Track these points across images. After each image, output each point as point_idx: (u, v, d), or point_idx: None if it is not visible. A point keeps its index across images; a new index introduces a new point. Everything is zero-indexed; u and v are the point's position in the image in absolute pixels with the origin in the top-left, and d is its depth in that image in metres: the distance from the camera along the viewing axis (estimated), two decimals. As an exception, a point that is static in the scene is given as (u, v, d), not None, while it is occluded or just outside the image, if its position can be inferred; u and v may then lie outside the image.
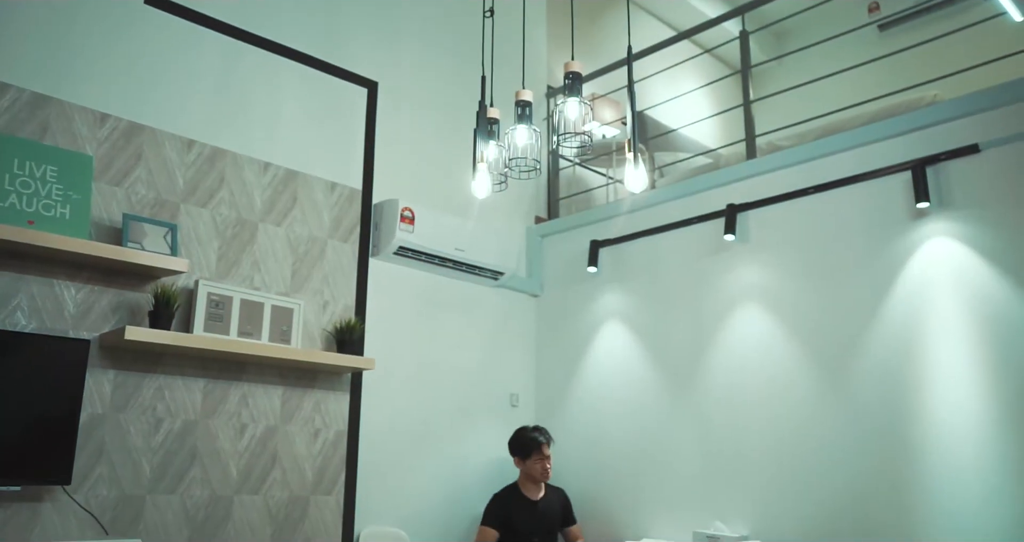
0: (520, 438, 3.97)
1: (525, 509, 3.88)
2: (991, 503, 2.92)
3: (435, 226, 4.05)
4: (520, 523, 3.83)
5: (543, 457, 3.91)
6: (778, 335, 3.65)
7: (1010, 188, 3.08)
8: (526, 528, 3.83)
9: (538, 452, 3.91)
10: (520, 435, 3.99)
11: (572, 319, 4.54)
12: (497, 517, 3.84)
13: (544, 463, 3.91)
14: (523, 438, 3.96)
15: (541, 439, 3.94)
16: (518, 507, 3.87)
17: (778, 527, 3.46)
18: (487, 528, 3.81)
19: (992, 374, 3.00)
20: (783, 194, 3.75)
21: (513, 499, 3.90)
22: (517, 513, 3.85)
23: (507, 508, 3.85)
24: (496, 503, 3.89)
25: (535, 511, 3.90)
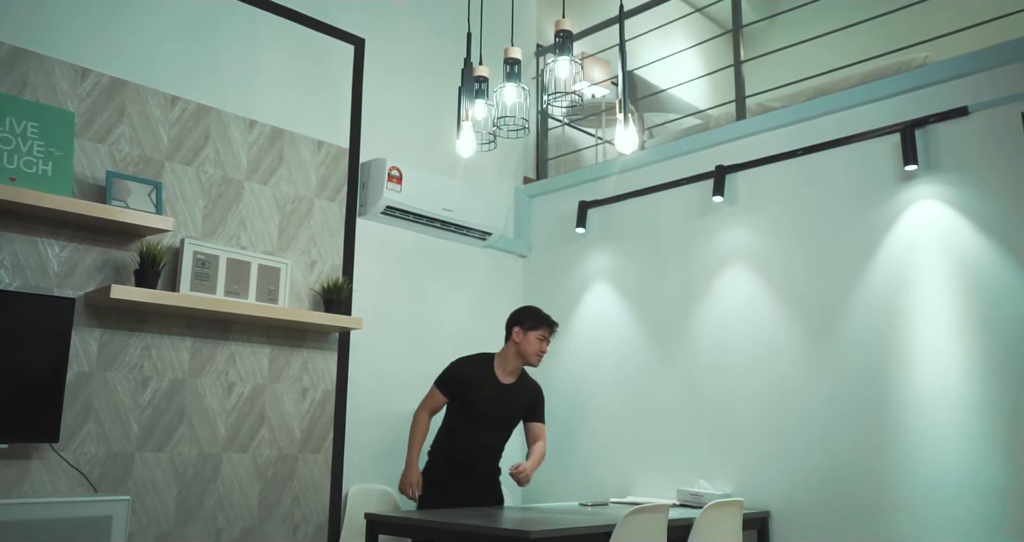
0: (531, 310, 3.57)
1: (489, 387, 3.46)
2: (972, 466, 2.98)
3: (423, 186, 4.03)
4: (479, 401, 3.42)
5: (546, 338, 3.50)
6: (765, 296, 3.67)
7: (998, 151, 3.09)
8: (483, 408, 3.42)
9: (545, 329, 3.49)
10: (532, 308, 3.59)
11: (560, 280, 4.55)
12: (453, 383, 3.46)
13: (543, 346, 3.50)
14: (533, 312, 3.55)
15: (551, 320, 3.55)
16: (482, 383, 3.45)
17: (761, 485, 3.53)
18: (436, 390, 3.48)
19: (975, 337, 3.04)
20: (772, 155, 3.74)
21: (480, 372, 3.47)
22: (479, 388, 3.43)
23: (469, 379, 3.45)
24: (458, 369, 3.50)
25: (499, 393, 3.47)
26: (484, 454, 3.52)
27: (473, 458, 3.47)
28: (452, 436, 3.46)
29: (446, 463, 3.43)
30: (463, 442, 3.44)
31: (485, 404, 3.44)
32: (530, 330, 3.47)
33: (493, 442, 3.54)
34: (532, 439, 3.61)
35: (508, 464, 3.52)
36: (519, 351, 3.48)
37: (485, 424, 3.46)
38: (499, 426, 3.52)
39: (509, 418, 3.54)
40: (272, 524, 3.32)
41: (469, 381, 3.44)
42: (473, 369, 3.48)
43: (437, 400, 3.47)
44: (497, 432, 3.53)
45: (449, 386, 3.46)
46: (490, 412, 3.46)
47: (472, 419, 3.44)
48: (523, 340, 3.47)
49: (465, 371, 3.47)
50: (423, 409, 3.47)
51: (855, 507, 3.22)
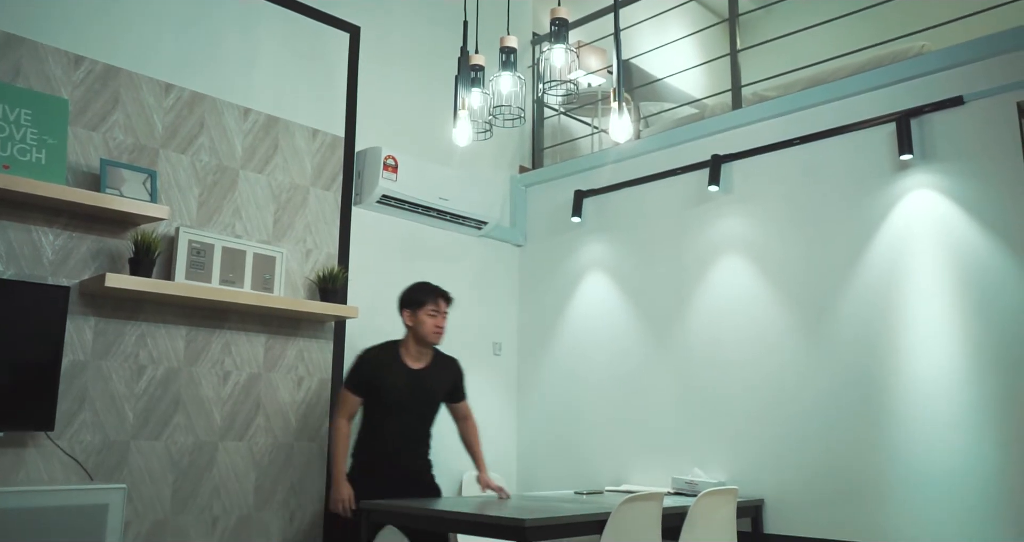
0: (414, 288, 3.31)
1: (399, 376, 3.22)
2: (964, 455, 2.99)
3: (418, 175, 4.02)
4: (393, 391, 3.20)
5: (438, 312, 3.25)
6: (759, 285, 3.68)
7: (993, 141, 3.09)
8: (395, 397, 3.20)
9: (432, 303, 3.24)
10: (415, 285, 3.34)
11: (555, 269, 4.55)
12: (360, 381, 3.21)
13: (438, 320, 3.25)
14: (416, 288, 3.31)
15: (438, 290, 3.30)
16: (391, 372, 3.21)
17: (755, 473, 3.54)
18: (348, 392, 3.21)
19: (970, 328, 3.05)
20: (768, 145, 3.74)
21: (387, 361, 3.24)
22: (389, 379, 3.20)
23: (376, 371, 3.20)
24: (362, 364, 3.24)
25: (412, 381, 3.25)
26: (410, 446, 3.29)
27: (398, 451, 3.25)
28: (373, 432, 3.25)
29: (372, 461, 3.22)
30: (386, 437, 3.22)
31: (400, 393, 3.22)
32: (418, 309, 3.24)
33: (416, 432, 3.31)
34: (460, 418, 3.48)
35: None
36: (415, 335, 3.26)
37: (404, 415, 3.24)
38: (419, 415, 3.31)
39: (428, 404, 3.33)
40: (268, 512, 3.33)
41: (378, 373, 3.21)
42: (380, 360, 3.24)
43: (352, 403, 3.21)
44: (418, 421, 3.31)
45: (359, 384, 3.21)
46: (407, 401, 3.24)
47: (390, 412, 3.22)
48: (415, 322, 3.24)
49: (372, 363, 3.23)
50: (340, 417, 3.21)
51: (848, 495, 3.24)
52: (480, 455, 3.48)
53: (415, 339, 3.27)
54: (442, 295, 3.29)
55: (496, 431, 4.41)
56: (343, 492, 3.12)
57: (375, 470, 3.21)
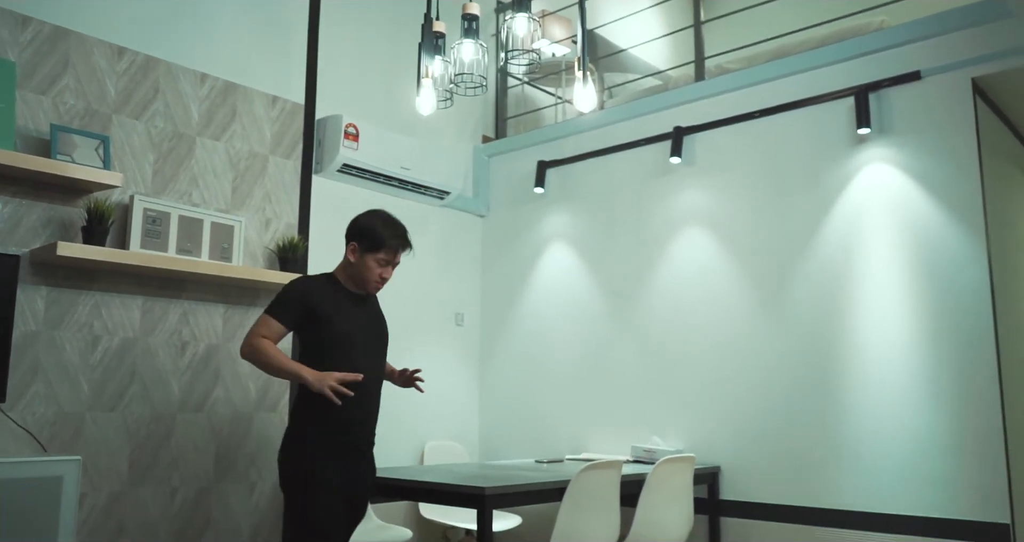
0: (373, 222, 2.70)
1: (348, 302, 2.67)
2: (915, 422, 3.08)
3: (380, 143, 3.97)
4: (343, 319, 2.62)
5: (390, 263, 2.70)
6: (719, 257, 3.72)
7: (948, 116, 3.14)
8: (351, 325, 2.64)
9: (390, 251, 2.67)
10: (374, 218, 2.72)
11: (518, 239, 4.56)
12: (293, 308, 2.60)
13: (385, 272, 2.69)
14: (377, 224, 2.69)
15: (403, 237, 2.72)
16: (338, 299, 2.65)
17: (712, 441, 3.62)
18: (270, 318, 2.57)
19: (922, 298, 3.13)
20: (729, 117, 3.76)
21: (328, 288, 2.68)
22: (336, 305, 2.63)
23: (317, 298, 2.62)
24: (298, 288, 2.66)
25: (363, 308, 2.73)
26: (372, 411, 2.69)
27: (362, 422, 2.65)
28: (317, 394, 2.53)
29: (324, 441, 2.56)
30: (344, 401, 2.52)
31: (353, 320, 2.65)
32: (368, 251, 2.65)
33: (376, 388, 2.71)
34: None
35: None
36: (352, 274, 2.70)
37: (361, 359, 2.63)
38: (377, 359, 2.73)
39: (380, 333, 2.78)
40: (228, 483, 3.32)
41: (320, 299, 2.62)
42: (319, 286, 2.69)
43: (271, 330, 2.57)
44: (379, 368, 2.74)
45: (290, 309, 2.59)
46: (362, 337, 2.66)
47: (342, 346, 2.60)
48: (359, 262, 2.66)
49: (309, 289, 2.66)
50: (257, 335, 2.57)
51: (802, 462, 3.33)
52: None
53: (349, 278, 2.71)
54: (405, 246, 2.72)
55: (458, 401, 4.44)
56: (325, 376, 2.50)
57: (330, 454, 2.55)
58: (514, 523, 3.87)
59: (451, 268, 4.54)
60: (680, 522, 3.26)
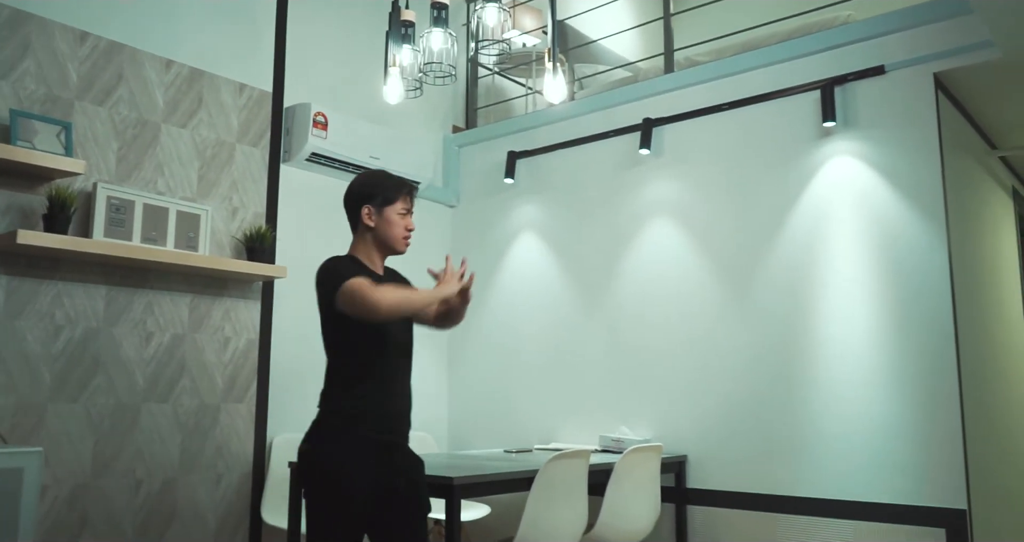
0: (374, 179, 2.45)
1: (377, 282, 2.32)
2: (876, 410, 3.14)
3: (349, 132, 3.95)
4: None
5: (408, 211, 2.45)
6: (688, 248, 3.75)
7: (911, 110, 3.19)
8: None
9: (404, 200, 2.44)
10: (372, 178, 2.47)
11: (488, 230, 4.55)
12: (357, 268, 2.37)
13: (408, 222, 2.45)
14: (379, 178, 2.45)
15: (406, 181, 2.49)
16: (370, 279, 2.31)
17: (679, 431, 3.65)
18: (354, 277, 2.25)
19: (884, 289, 3.18)
20: (698, 109, 3.79)
21: (359, 267, 2.41)
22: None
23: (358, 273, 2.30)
24: (342, 261, 2.41)
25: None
26: (408, 407, 2.44)
27: (401, 416, 2.41)
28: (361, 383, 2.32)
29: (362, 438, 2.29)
30: (384, 389, 2.34)
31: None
32: (385, 205, 2.40)
33: (409, 380, 2.47)
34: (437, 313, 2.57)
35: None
36: (379, 238, 2.42)
37: (397, 350, 2.42)
38: (409, 350, 2.49)
39: (411, 331, 2.52)
40: (194, 474, 3.29)
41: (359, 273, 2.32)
42: (350, 261, 2.42)
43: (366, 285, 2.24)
44: (410, 344, 2.49)
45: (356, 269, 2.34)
46: (397, 327, 2.41)
47: (382, 345, 2.35)
48: (380, 222, 2.40)
49: (346, 261, 2.41)
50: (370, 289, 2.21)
51: (766, 451, 3.38)
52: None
53: (377, 246, 2.44)
54: (414, 189, 2.49)
55: (428, 392, 4.43)
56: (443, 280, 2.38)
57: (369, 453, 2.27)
58: (483, 513, 3.88)
59: (420, 258, 4.50)
60: (647, 511, 3.30)
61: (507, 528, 4.01)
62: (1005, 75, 3.22)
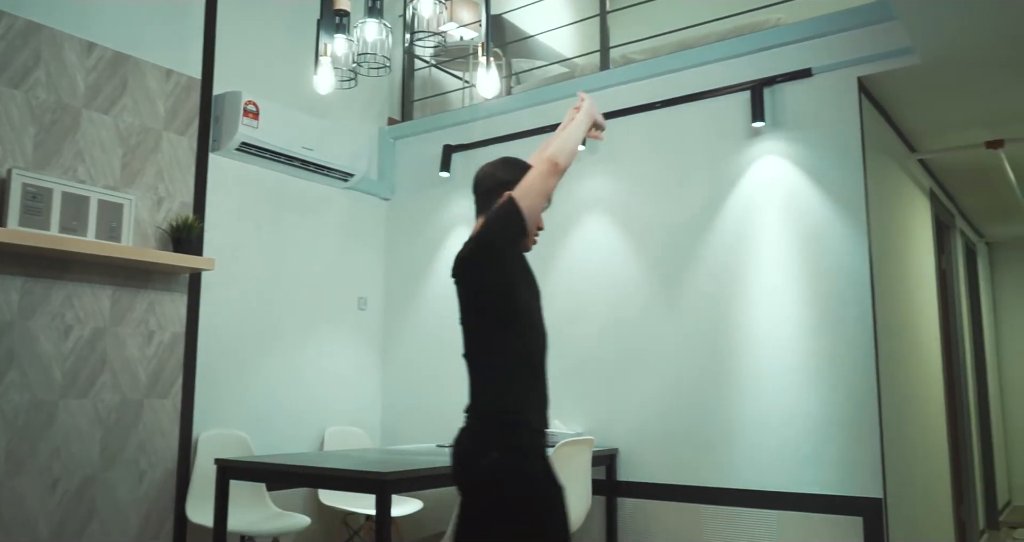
0: (514, 164, 2.30)
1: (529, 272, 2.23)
2: (799, 403, 3.24)
3: (282, 122, 3.87)
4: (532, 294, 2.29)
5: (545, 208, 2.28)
6: (620, 245, 3.80)
7: (835, 112, 3.29)
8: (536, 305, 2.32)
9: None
10: (514, 164, 2.30)
11: (423, 223, 4.52)
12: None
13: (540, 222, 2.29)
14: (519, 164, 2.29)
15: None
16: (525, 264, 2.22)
17: (611, 425, 3.70)
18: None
19: (807, 285, 3.27)
20: (633, 107, 3.83)
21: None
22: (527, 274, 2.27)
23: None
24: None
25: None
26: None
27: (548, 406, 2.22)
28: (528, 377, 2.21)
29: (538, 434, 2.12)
30: (542, 382, 2.22)
31: (536, 299, 2.28)
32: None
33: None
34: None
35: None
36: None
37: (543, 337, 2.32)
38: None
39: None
40: (115, 472, 3.19)
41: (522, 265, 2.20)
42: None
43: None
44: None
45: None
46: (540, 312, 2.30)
47: (536, 332, 2.27)
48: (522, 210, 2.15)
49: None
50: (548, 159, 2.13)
51: (695, 444, 3.45)
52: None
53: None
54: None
55: (360, 386, 4.39)
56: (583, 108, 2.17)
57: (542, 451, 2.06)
58: (415, 508, 3.87)
59: (354, 251, 4.48)
60: (578, 503, 3.33)
61: (440, 522, 4.01)
62: (924, 81, 3.35)
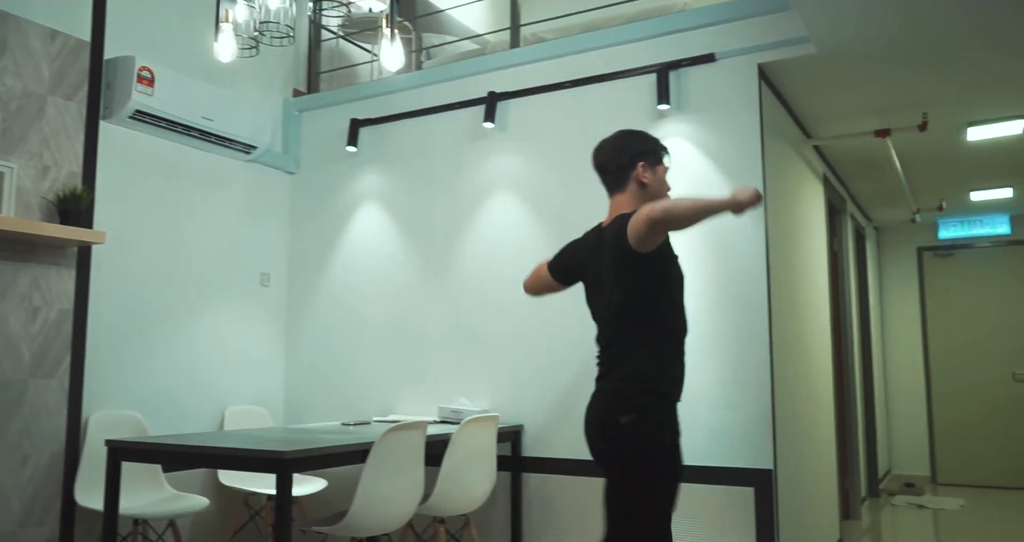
0: (644, 136, 2.44)
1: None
2: (700, 380, 3.34)
3: (179, 90, 3.70)
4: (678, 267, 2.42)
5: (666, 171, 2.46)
6: (528, 223, 3.82)
7: (736, 97, 3.38)
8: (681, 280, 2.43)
9: (667, 157, 2.47)
10: (638, 132, 2.47)
11: (329, 199, 4.44)
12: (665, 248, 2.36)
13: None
14: (648, 136, 2.44)
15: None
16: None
17: (517, 401, 3.74)
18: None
19: (709, 268, 3.37)
20: (542, 86, 3.84)
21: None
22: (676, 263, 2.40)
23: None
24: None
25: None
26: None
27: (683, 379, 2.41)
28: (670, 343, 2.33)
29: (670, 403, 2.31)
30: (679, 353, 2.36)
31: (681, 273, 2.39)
32: (657, 163, 2.38)
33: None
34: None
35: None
36: (650, 195, 2.35)
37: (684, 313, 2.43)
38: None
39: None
40: (-4, 455, 3.02)
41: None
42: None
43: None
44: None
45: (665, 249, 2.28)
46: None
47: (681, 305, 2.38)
48: (653, 179, 2.36)
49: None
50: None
51: (597, 419, 3.52)
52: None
53: (644, 201, 2.32)
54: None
55: (262, 364, 4.29)
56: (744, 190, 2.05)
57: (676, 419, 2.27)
58: (319, 487, 3.83)
59: (257, 226, 4.35)
60: (483, 479, 3.36)
61: (344, 501, 3.98)
62: (819, 69, 3.48)
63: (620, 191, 2.36)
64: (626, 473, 2.16)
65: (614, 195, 2.37)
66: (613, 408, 2.17)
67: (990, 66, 3.47)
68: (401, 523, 2.97)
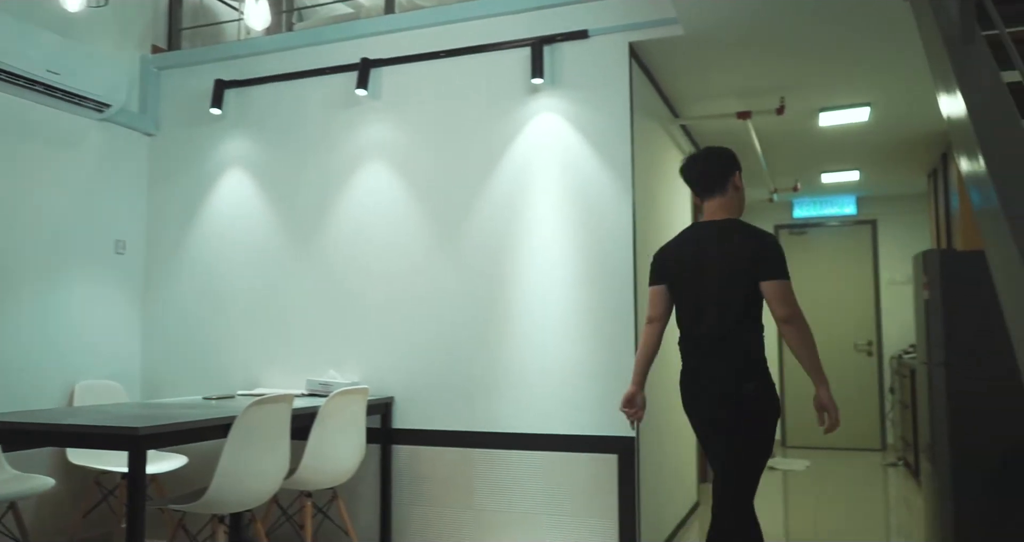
0: (730, 150, 2.78)
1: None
2: (567, 353, 3.42)
3: (19, 39, 3.41)
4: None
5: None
6: (400, 194, 3.77)
7: (608, 74, 3.44)
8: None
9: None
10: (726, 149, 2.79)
11: (191, 163, 4.22)
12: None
13: None
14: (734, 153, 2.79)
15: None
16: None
17: (387, 374, 3.71)
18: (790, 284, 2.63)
19: (576, 239, 3.44)
20: (417, 54, 3.78)
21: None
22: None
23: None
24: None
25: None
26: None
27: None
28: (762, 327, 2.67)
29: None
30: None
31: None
32: (741, 174, 2.80)
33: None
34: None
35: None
36: (742, 201, 2.76)
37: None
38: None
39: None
40: None
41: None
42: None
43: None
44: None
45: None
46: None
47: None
48: (743, 188, 2.77)
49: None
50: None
51: (468, 391, 3.55)
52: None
53: (740, 208, 2.74)
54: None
55: (117, 336, 4.07)
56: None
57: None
58: (179, 464, 3.68)
59: (111, 190, 4.09)
60: (351, 452, 3.33)
61: (207, 478, 3.85)
62: (686, 51, 3.59)
63: (720, 194, 2.72)
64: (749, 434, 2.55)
65: (711, 198, 2.73)
66: (739, 378, 2.55)
67: (841, 55, 3.69)
68: (265, 499, 2.90)
